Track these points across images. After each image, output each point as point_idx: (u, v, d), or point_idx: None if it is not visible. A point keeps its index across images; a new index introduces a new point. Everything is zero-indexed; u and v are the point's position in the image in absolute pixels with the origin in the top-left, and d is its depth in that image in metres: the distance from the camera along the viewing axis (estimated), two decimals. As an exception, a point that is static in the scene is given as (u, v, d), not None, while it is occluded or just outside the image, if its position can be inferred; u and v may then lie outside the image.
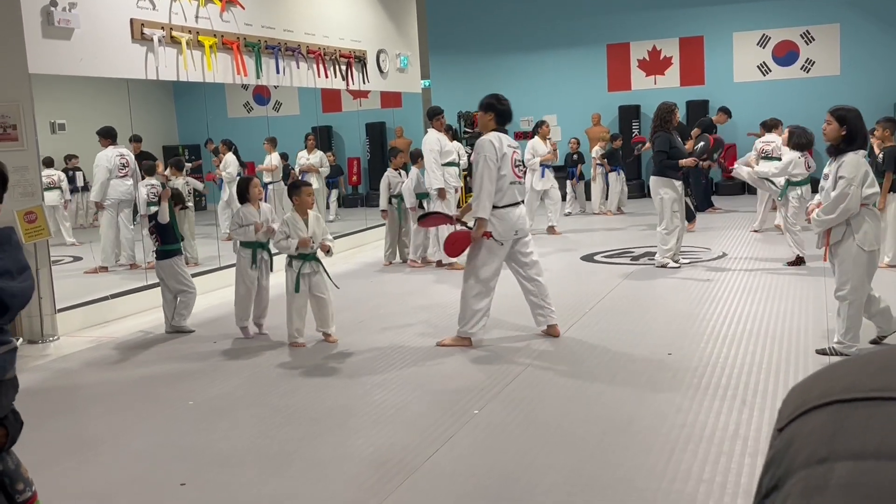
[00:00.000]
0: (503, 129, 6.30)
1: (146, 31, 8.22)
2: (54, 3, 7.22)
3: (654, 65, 16.82)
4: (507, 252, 6.25)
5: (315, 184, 12.75)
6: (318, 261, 6.59)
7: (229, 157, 11.80)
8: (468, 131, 16.31)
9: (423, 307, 7.75)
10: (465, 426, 4.62)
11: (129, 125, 9.61)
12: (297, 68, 10.77)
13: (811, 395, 0.71)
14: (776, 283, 8.00)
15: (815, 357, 5.55)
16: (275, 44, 10.21)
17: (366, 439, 4.52)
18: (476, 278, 6.22)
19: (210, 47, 9.05)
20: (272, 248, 7.03)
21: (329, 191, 14.10)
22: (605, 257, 10.03)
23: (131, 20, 8.10)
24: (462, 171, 10.89)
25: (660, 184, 9.00)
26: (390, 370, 5.81)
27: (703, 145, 11.03)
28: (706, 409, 4.69)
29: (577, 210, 14.67)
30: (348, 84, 11.97)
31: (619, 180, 14.38)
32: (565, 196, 14.31)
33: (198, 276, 9.10)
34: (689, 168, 9.30)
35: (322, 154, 13.33)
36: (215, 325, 7.53)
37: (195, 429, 4.89)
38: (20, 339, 3.75)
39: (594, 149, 14.24)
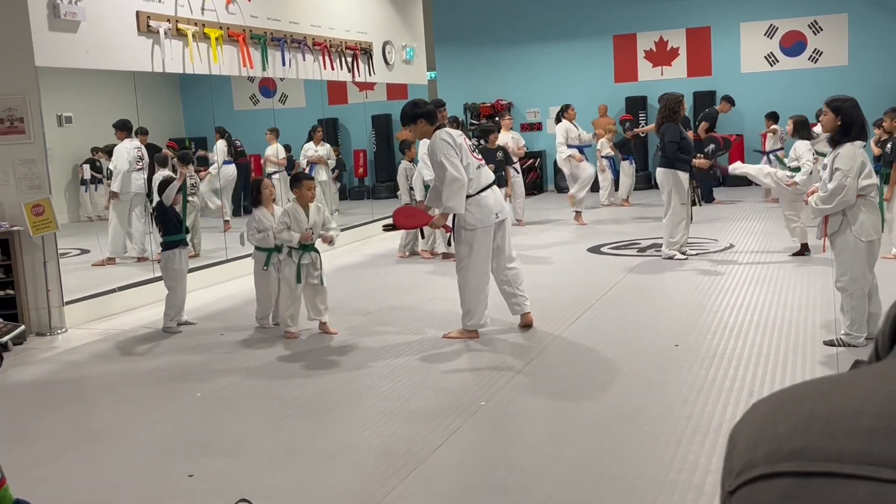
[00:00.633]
0: (439, 126, 6.31)
1: (152, 23, 8.22)
2: (60, -4, 7.23)
3: (661, 55, 16.76)
4: (491, 236, 6.22)
5: (322, 175, 12.78)
6: (318, 251, 6.68)
7: (219, 143, 11.79)
8: (475, 123, 16.29)
9: (430, 299, 7.76)
10: (472, 417, 4.63)
11: (136, 118, 9.62)
12: (303, 60, 10.77)
13: (757, 454, 0.66)
14: (783, 274, 7.98)
15: (823, 348, 5.54)
16: (280, 36, 10.21)
17: (373, 430, 4.53)
18: (468, 271, 6.20)
19: (216, 40, 9.05)
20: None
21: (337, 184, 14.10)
22: (611, 249, 10.01)
23: (137, 13, 8.11)
24: None
25: (668, 175, 8.98)
26: (397, 362, 5.82)
27: (713, 147, 10.99)
28: (714, 400, 4.68)
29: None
30: (354, 76, 11.96)
31: (631, 169, 14.34)
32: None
33: (203, 269, 9.14)
34: (702, 168, 9.28)
35: (329, 146, 13.33)
36: (222, 318, 7.55)
37: (203, 420, 4.91)
38: (22, 328, 3.75)
39: (600, 141, 14.19)
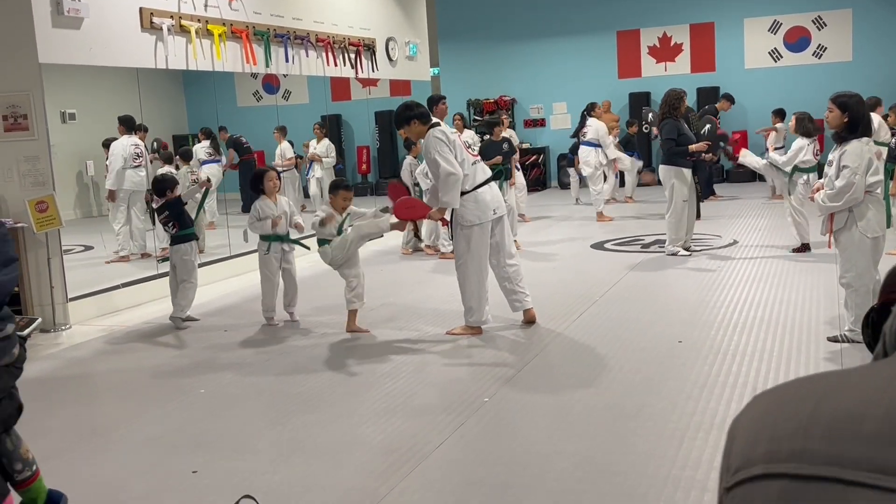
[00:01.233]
0: (434, 124, 6.29)
1: (155, 20, 8.22)
2: (63, -7, 7.23)
3: (665, 51, 16.73)
4: (489, 232, 6.21)
5: (318, 172, 12.81)
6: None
7: (202, 143, 11.77)
8: (478, 119, 16.28)
9: (433, 295, 7.76)
10: (475, 414, 4.63)
11: (140, 114, 9.62)
12: (307, 57, 10.76)
13: (756, 452, 0.65)
14: (787, 270, 7.97)
15: (827, 344, 5.54)
16: (284, 32, 10.20)
17: (376, 427, 4.54)
18: (467, 268, 6.20)
19: (219, 36, 9.05)
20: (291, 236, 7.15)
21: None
22: (615, 245, 10.01)
23: (140, 9, 8.11)
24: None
25: (669, 172, 8.97)
26: (400, 359, 5.82)
27: (709, 127, 10.96)
28: (717, 396, 4.68)
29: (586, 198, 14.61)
30: (357, 72, 11.96)
31: (635, 167, 14.33)
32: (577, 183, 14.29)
33: (207, 265, 9.14)
34: (700, 153, 9.24)
35: (329, 143, 13.32)
36: (226, 314, 7.56)
37: (207, 416, 4.92)
38: (39, 320, 3.79)
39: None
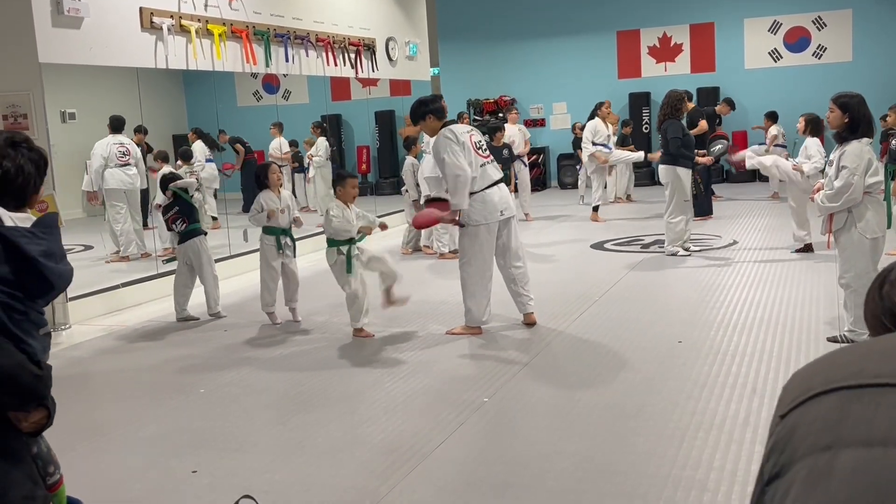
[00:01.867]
0: (448, 122, 6.31)
1: (155, 19, 8.22)
2: (64, -8, 7.23)
3: (665, 51, 16.73)
4: (495, 233, 6.21)
5: (311, 172, 12.83)
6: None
7: (196, 144, 11.77)
8: (477, 119, 16.28)
9: (433, 295, 7.76)
10: (475, 413, 4.63)
11: (139, 114, 9.62)
12: (307, 56, 10.76)
13: (814, 381, 0.70)
14: (787, 270, 7.98)
15: (827, 345, 5.53)
16: (284, 32, 10.21)
17: (376, 426, 4.54)
18: (470, 267, 6.20)
19: (219, 36, 9.05)
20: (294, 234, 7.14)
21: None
22: (614, 245, 10.01)
23: (140, 9, 8.11)
24: None
25: (669, 172, 8.97)
26: (400, 358, 5.82)
27: (720, 147, 10.97)
28: (716, 396, 4.68)
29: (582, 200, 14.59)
30: (357, 72, 11.96)
31: (628, 167, 14.33)
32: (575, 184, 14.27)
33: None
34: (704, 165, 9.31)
35: (324, 143, 13.33)
36: (226, 313, 7.55)
37: (207, 416, 4.92)
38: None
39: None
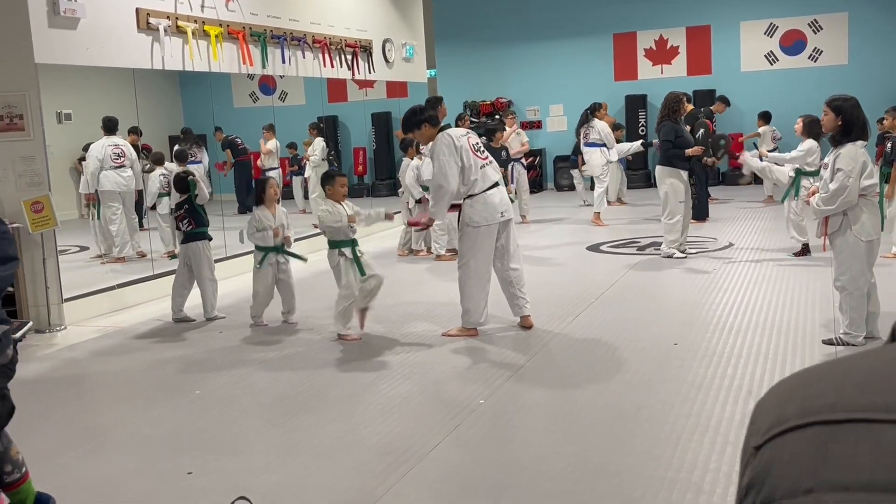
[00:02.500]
0: (444, 126, 6.30)
1: (152, 20, 8.21)
2: (60, -7, 7.22)
3: (661, 54, 16.75)
4: (495, 235, 6.21)
5: (307, 172, 12.81)
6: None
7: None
8: (474, 121, 16.28)
9: (429, 297, 7.76)
10: (471, 415, 4.63)
11: (136, 115, 9.61)
12: (303, 58, 10.76)
13: (788, 410, 0.66)
14: (783, 273, 7.99)
15: (822, 347, 5.54)
16: (280, 33, 10.20)
17: (372, 428, 4.53)
18: (469, 269, 6.20)
19: (216, 37, 9.04)
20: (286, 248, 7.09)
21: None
22: (611, 247, 10.01)
23: (137, 10, 8.09)
24: None
25: (665, 174, 8.98)
26: (397, 360, 5.82)
27: (703, 132, 10.97)
28: (712, 398, 4.69)
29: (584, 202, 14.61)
30: (354, 74, 11.95)
31: (620, 170, 14.36)
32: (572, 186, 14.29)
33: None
34: (696, 157, 9.26)
35: (321, 144, 13.32)
36: (223, 315, 7.54)
37: (202, 417, 4.91)
38: (30, 324, 3.79)
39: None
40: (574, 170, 14.64)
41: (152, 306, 7.98)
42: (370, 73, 12.40)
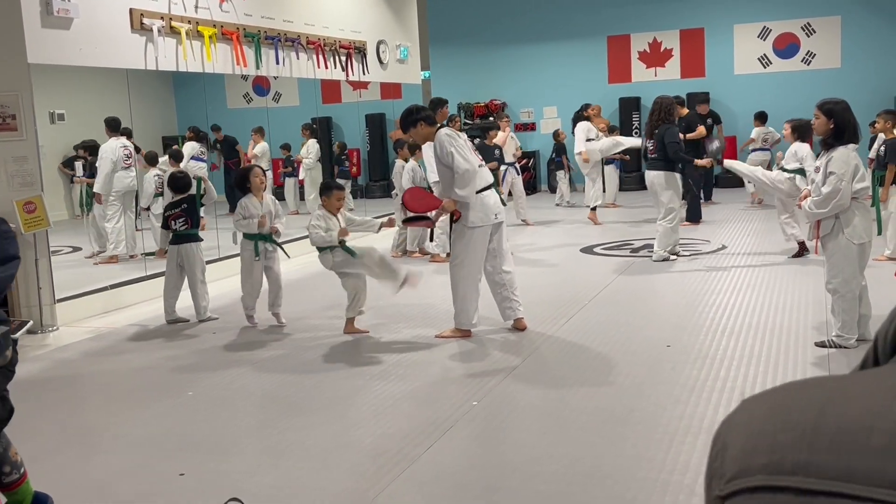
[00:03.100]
0: (440, 126, 6.32)
1: (145, 21, 8.20)
2: (53, -7, 7.20)
3: (655, 57, 16.79)
4: (489, 236, 6.22)
5: (301, 174, 12.80)
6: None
7: (189, 144, 11.74)
8: (468, 123, 16.29)
9: (422, 298, 7.75)
10: (464, 417, 4.63)
11: (129, 116, 9.59)
12: (297, 59, 10.75)
13: (755, 461, 0.62)
14: (775, 275, 8.01)
15: (815, 350, 5.56)
16: (274, 34, 10.19)
17: (365, 430, 4.53)
18: (463, 269, 6.20)
19: (209, 38, 9.03)
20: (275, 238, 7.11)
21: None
22: (604, 249, 10.02)
23: (130, 10, 8.08)
24: None
25: (665, 177, 8.99)
26: (390, 361, 5.81)
27: (717, 146, 11.08)
28: (705, 400, 4.69)
29: (564, 202, 14.59)
30: (348, 75, 11.95)
31: (615, 173, 14.38)
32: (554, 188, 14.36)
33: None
34: (704, 167, 9.42)
35: (315, 145, 13.30)
36: (216, 315, 7.53)
37: (195, 419, 4.90)
38: (30, 322, 3.78)
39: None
40: (560, 171, 14.71)
41: (145, 307, 7.97)
42: (364, 74, 12.40)
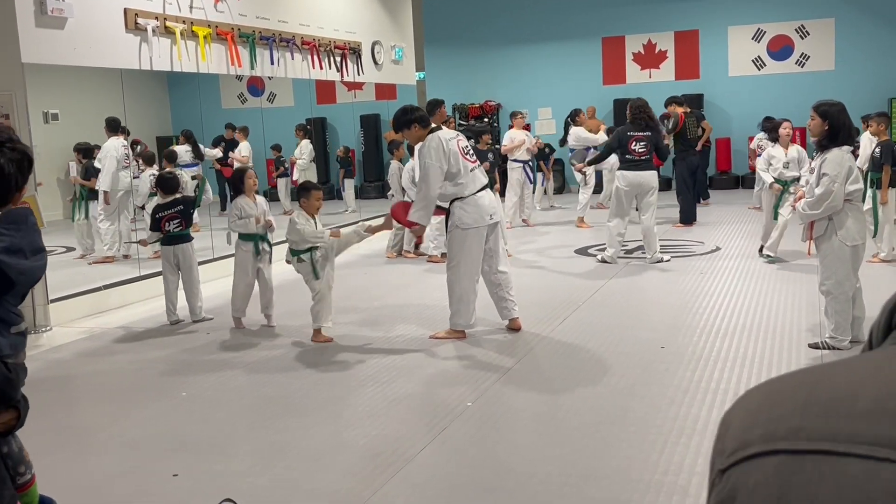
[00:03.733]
0: (434, 128, 6.30)
1: (140, 21, 8.18)
2: (48, -8, 7.18)
3: (650, 58, 16.81)
4: (484, 237, 6.22)
5: (295, 175, 12.81)
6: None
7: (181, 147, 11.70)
8: (463, 123, 16.30)
9: (417, 299, 7.76)
10: (459, 418, 4.63)
11: (123, 116, 9.58)
12: (292, 59, 10.74)
13: (753, 434, 0.66)
14: (769, 277, 8.02)
15: (808, 351, 5.57)
16: (269, 34, 10.18)
17: (360, 430, 4.53)
18: (458, 271, 6.20)
19: (204, 38, 9.01)
20: (270, 239, 7.12)
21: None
22: (598, 250, 10.02)
23: (125, 10, 8.06)
24: None
25: (654, 178, 9.04)
26: (384, 362, 5.81)
27: (672, 121, 11.25)
28: (699, 401, 4.70)
29: (546, 205, 14.55)
30: (343, 75, 11.94)
31: (613, 173, 14.36)
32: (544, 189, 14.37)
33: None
34: (684, 160, 9.43)
35: (308, 146, 13.28)
36: (211, 315, 7.51)
37: (189, 420, 4.89)
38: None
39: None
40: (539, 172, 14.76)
41: (139, 307, 7.95)
42: (359, 74, 12.39)
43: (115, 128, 9.81)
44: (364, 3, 12.76)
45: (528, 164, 12.39)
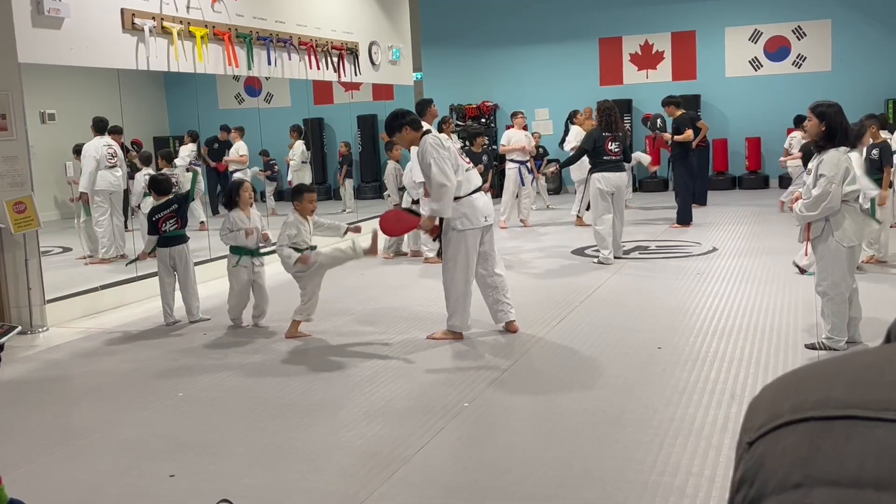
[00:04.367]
0: (426, 131, 6.31)
1: (137, 21, 8.17)
2: (44, -8, 7.18)
3: (647, 59, 16.82)
4: (479, 239, 6.23)
5: (289, 176, 12.80)
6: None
7: (186, 147, 11.67)
8: (460, 124, 16.30)
9: (414, 300, 7.76)
10: (455, 419, 4.63)
11: (120, 116, 9.56)
12: (289, 60, 10.74)
13: (782, 407, 0.68)
14: (766, 277, 8.03)
15: (805, 352, 5.57)
16: (266, 35, 10.18)
17: (356, 431, 4.52)
18: (455, 272, 6.21)
19: (201, 38, 9.01)
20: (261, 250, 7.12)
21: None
22: (596, 251, 10.02)
23: (122, 10, 8.06)
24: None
25: (626, 178, 9.21)
26: (380, 363, 5.81)
27: (659, 123, 11.30)
28: (695, 402, 4.70)
29: (541, 205, 14.53)
30: (340, 76, 11.94)
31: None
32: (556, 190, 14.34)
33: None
34: (680, 160, 9.48)
35: (301, 147, 13.27)
36: (208, 316, 7.50)
37: (185, 420, 4.88)
38: (18, 328, 3.74)
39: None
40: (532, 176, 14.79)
41: (136, 308, 7.94)
42: (356, 75, 12.39)
43: (101, 128, 9.78)
44: (361, 3, 12.76)
45: (525, 165, 12.39)
